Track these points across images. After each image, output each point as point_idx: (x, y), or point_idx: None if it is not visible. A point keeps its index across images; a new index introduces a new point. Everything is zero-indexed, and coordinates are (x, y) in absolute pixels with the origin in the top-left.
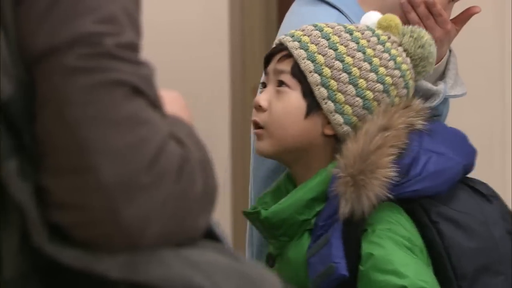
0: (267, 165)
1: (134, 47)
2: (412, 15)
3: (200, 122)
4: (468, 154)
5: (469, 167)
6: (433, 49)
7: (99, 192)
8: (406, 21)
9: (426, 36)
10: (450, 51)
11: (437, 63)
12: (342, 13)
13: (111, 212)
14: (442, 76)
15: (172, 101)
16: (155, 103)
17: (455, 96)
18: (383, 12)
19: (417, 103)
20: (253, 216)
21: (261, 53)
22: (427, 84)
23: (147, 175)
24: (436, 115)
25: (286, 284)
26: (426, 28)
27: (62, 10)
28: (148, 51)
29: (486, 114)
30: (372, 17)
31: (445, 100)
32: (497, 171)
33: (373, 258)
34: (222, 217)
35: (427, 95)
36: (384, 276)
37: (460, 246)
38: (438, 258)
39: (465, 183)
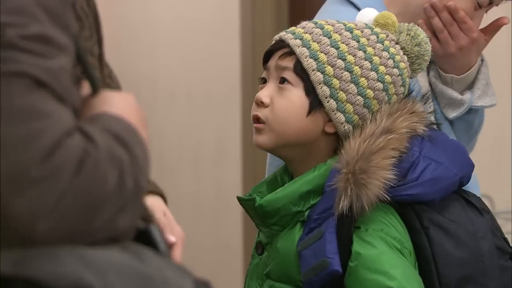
0: (279, 161)
1: (45, 39)
2: (436, 21)
3: (212, 120)
4: (466, 167)
5: (465, 179)
6: (429, 47)
7: None
8: (429, 26)
9: (422, 34)
10: (482, 60)
11: (465, 71)
12: None
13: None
14: (471, 86)
15: (120, 101)
16: (61, 96)
17: (482, 106)
18: (406, 16)
19: (420, 109)
20: (247, 203)
21: None
22: (452, 93)
23: (40, 169)
24: (436, 123)
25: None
26: (451, 35)
27: None
28: (160, 50)
29: (495, 118)
30: (368, 14)
31: (476, 111)
32: (505, 175)
33: (364, 256)
34: (233, 213)
35: (452, 104)
36: (372, 275)
37: (447, 254)
38: (425, 263)
39: (460, 195)
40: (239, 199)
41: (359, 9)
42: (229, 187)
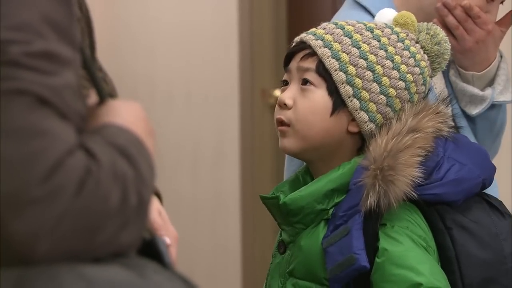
0: (295, 166)
1: (49, 56)
2: (450, 18)
3: (210, 122)
4: (488, 170)
5: (487, 181)
6: (448, 46)
7: None
8: (444, 25)
9: (442, 33)
10: (501, 56)
11: (485, 67)
12: None
13: None
14: (491, 82)
15: (126, 111)
16: (64, 114)
17: (504, 102)
18: (420, 17)
19: (444, 110)
20: (270, 201)
21: (270, 56)
22: (473, 89)
23: (40, 189)
24: (459, 126)
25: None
26: (466, 30)
27: None
28: (159, 52)
29: None
30: (387, 15)
31: (499, 107)
32: (505, 175)
33: (390, 252)
34: (231, 215)
35: (474, 101)
36: (400, 270)
37: (471, 255)
38: (448, 264)
39: (482, 197)
40: (262, 197)
41: (370, 13)
42: (228, 189)
